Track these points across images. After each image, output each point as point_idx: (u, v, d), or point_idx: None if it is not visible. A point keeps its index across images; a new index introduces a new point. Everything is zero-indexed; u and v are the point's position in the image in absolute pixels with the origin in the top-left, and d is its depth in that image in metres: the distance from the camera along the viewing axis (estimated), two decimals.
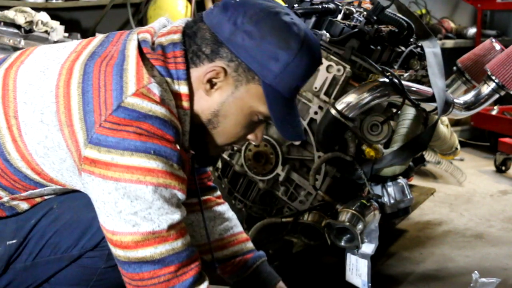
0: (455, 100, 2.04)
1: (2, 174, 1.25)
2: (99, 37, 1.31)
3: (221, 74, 1.23)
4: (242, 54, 1.21)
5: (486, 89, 2.04)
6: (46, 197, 1.33)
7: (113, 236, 1.17)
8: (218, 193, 1.64)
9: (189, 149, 1.33)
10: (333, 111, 1.82)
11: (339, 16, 2.01)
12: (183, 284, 1.19)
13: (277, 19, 1.21)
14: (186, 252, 1.20)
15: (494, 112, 4.02)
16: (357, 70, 1.91)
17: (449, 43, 4.41)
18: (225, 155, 2.07)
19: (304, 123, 1.93)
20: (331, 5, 2.01)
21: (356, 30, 1.90)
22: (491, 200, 3.07)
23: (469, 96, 2.08)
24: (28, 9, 2.64)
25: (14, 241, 1.29)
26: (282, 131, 1.30)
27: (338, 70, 1.89)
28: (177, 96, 1.23)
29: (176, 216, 1.18)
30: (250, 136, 1.34)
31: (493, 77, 2.00)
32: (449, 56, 2.26)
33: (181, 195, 1.19)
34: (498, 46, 2.17)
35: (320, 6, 1.98)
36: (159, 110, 1.16)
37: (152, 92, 1.16)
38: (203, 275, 1.24)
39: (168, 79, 1.22)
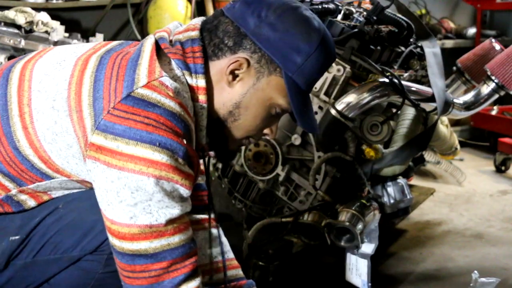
0: (455, 100, 2.05)
1: (11, 163, 1.25)
2: (119, 41, 1.35)
3: (244, 65, 1.24)
4: (265, 45, 1.23)
5: (485, 89, 2.04)
6: (53, 196, 1.33)
7: (111, 225, 1.18)
8: (213, 214, 1.62)
9: (207, 146, 1.33)
10: (333, 111, 1.83)
11: (339, 16, 2.02)
12: (172, 281, 1.18)
13: (299, 13, 1.25)
14: (182, 249, 1.19)
15: (493, 112, 4.02)
16: (357, 70, 1.91)
17: (449, 43, 4.41)
18: None
19: None
20: (331, 5, 2.02)
21: (356, 30, 1.91)
22: (490, 200, 3.07)
23: (468, 96, 2.08)
24: (29, 9, 2.65)
25: (17, 237, 1.29)
26: (302, 123, 1.31)
27: (338, 70, 1.89)
28: (194, 89, 1.24)
29: (176, 210, 1.17)
30: (266, 131, 1.35)
31: (493, 77, 2.01)
32: (449, 56, 2.26)
33: (183, 190, 1.18)
34: (497, 46, 2.17)
35: (320, 6, 1.99)
36: (168, 103, 1.15)
37: (164, 84, 1.17)
38: (197, 272, 1.23)
39: (186, 72, 1.23)
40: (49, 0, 3.32)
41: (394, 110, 1.93)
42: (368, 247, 1.73)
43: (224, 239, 1.57)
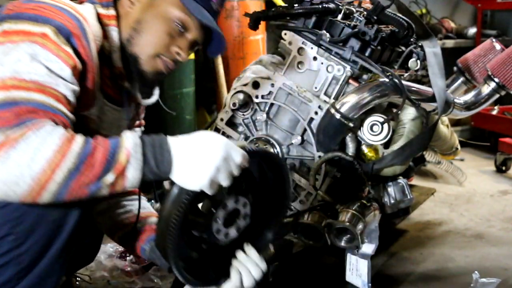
0: (455, 100, 2.04)
1: None
2: None
3: None
4: None
5: (486, 89, 2.04)
6: None
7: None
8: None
9: (122, 69, 1.49)
10: (333, 111, 1.82)
11: (339, 16, 2.01)
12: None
13: None
14: (45, 107, 1.22)
15: (494, 112, 4.03)
16: (357, 70, 1.91)
17: (450, 43, 4.42)
18: None
19: (304, 123, 1.93)
20: (331, 5, 2.01)
21: (356, 30, 1.90)
22: (491, 200, 3.07)
23: (469, 96, 2.08)
24: None
25: None
26: (202, 18, 1.45)
27: (338, 70, 1.89)
28: (105, 17, 1.46)
29: (46, 77, 1.23)
30: (174, 48, 1.48)
31: (494, 77, 2.00)
32: (449, 56, 2.25)
33: (58, 65, 1.25)
34: (498, 46, 2.17)
35: (320, 6, 1.98)
36: (61, 5, 1.33)
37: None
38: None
39: (98, 6, 1.46)
40: None
41: (394, 110, 1.92)
42: (368, 248, 1.73)
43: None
